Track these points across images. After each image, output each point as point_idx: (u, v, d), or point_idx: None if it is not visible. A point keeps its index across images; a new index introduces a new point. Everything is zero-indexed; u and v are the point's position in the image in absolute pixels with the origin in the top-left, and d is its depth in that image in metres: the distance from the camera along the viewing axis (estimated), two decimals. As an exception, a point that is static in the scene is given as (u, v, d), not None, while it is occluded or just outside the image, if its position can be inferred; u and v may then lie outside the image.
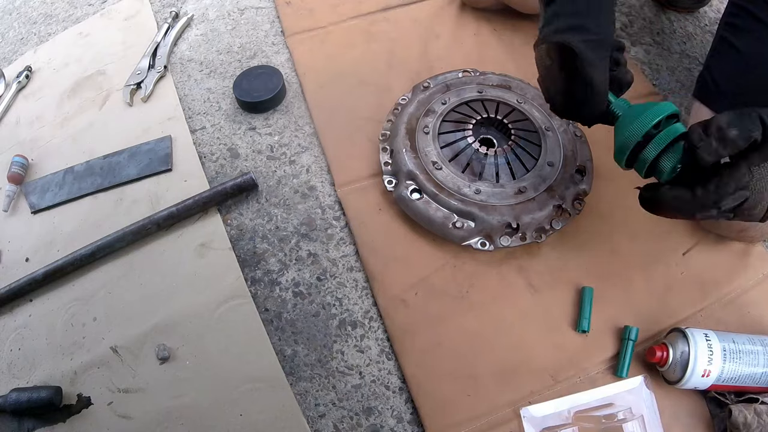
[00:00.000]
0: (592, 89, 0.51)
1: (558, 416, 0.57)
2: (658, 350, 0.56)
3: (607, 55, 0.52)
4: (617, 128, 0.52)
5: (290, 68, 0.85)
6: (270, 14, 0.93)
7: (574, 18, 0.51)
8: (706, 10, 0.94)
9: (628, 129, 0.49)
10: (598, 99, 0.52)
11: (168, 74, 0.85)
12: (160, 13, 0.94)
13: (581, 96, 0.52)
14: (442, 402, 0.58)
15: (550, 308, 0.63)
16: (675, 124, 0.49)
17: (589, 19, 0.51)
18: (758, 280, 0.65)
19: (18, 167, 0.75)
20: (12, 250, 0.71)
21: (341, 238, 0.70)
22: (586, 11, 0.52)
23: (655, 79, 0.84)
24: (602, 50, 0.51)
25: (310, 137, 0.78)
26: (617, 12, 0.93)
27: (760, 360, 0.54)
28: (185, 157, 0.76)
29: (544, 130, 0.70)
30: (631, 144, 0.49)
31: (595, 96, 0.52)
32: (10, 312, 0.67)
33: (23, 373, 0.62)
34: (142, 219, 0.69)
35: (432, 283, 0.65)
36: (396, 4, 0.91)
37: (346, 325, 0.64)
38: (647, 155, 0.49)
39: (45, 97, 0.85)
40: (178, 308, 0.65)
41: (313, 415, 0.59)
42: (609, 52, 0.53)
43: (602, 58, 0.51)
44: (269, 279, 0.67)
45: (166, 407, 0.59)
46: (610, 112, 0.54)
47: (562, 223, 0.65)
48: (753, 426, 0.53)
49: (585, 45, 0.50)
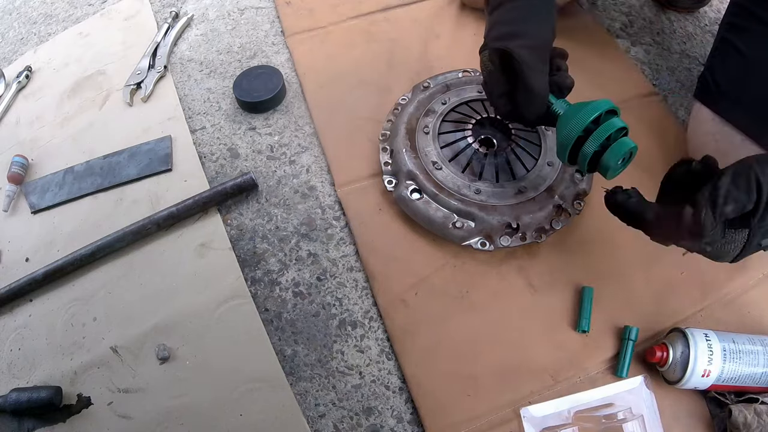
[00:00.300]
0: (532, 92, 0.54)
1: (558, 416, 0.57)
2: (658, 350, 0.56)
3: (546, 59, 0.54)
4: (558, 126, 0.54)
5: (290, 68, 0.85)
6: (270, 14, 0.93)
7: (514, 25, 0.54)
8: (706, 10, 0.94)
9: (568, 125, 0.52)
10: (539, 101, 0.55)
11: (168, 74, 0.85)
12: (160, 13, 0.94)
13: (522, 99, 0.55)
14: (442, 402, 0.58)
15: (550, 308, 0.63)
16: (613, 119, 0.51)
17: (528, 26, 0.54)
18: (758, 280, 0.65)
19: (18, 167, 0.75)
20: (12, 250, 0.71)
21: (341, 238, 0.70)
22: (526, 18, 0.54)
23: (655, 79, 0.84)
24: (541, 55, 0.54)
25: (310, 137, 0.78)
26: (617, 12, 0.93)
27: (760, 360, 0.54)
28: (185, 157, 0.76)
29: (544, 130, 0.70)
30: (571, 139, 0.52)
31: (535, 98, 0.54)
32: (10, 312, 0.67)
33: (23, 373, 0.62)
34: (142, 219, 0.69)
35: (432, 283, 0.65)
36: (396, 4, 0.91)
37: (346, 325, 0.64)
38: (587, 150, 0.51)
39: (45, 97, 0.85)
40: (178, 308, 0.65)
41: (313, 415, 0.59)
42: (548, 57, 0.55)
43: (541, 63, 0.54)
44: (269, 279, 0.67)
45: (166, 407, 0.59)
46: (551, 112, 0.56)
47: (562, 223, 0.65)
48: (753, 426, 0.53)
49: (524, 50, 0.52)
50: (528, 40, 0.53)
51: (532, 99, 0.54)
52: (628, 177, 0.72)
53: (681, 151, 0.72)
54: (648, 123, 0.77)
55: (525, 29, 0.53)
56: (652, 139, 0.75)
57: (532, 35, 0.53)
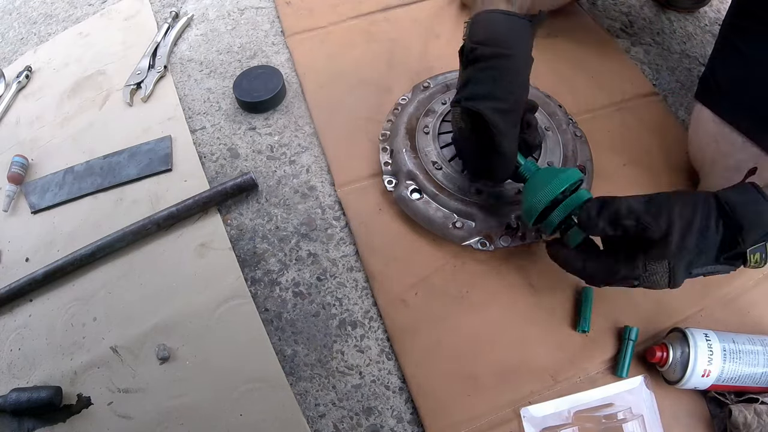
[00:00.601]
0: (503, 156, 0.54)
1: (558, 416, 0.57)
2: (658, 350, 0.56)
3: (517, 121, 0.55)
4: (526, 190, 0.55)
5: (290, 68, 0.85)
6: (270, 14, 0.93)
7: (488, 85, 0.53)
8: (706, 10, 0.94)
9: (537, 195, 0.53)
10: (507, 164, 0.55)
11: (168, 74, 0.85)
12: (160, 13, 0.94)
13: (492, 161, 0.55)
14: (442, 402, 0.58)
15: (550, 308, 0.63)
16: (580, 192, 0.53)
17: (502, 88, 0.53)
18: (758, 280, 0.65)
19: (18, 167, 0.75)
20: (12, 250, 0.71)
21: (341, 238, 0.70)
22: (500, 78, 0.53)
23: (655, 79, 0.84)
24: (512, 117, 0.54)
25: (310, 137, 0.78)
26: (617, 12, 0.93)
27: (760, 360, 0.54)
28: (185, 157, 0.76)
29: (544, 130, 0.70)
30: (538, 210, 0.53)
31: (504, 162, 0.55)
32: (10, 312, 0.67)
33: (23, 373, 0.62)
34: (142, 219, 0.69)
35: (432, 283, 0.65)
36: (396, 4, 0.91)
37: (346, 325, 0.64)
38: (553, 220, 0.53)
39: (45, 97, 0.85)
40: (178, 308, 0.65)
41: (313, 415, 0.59)
42: (519, 118, 0.55)
43: (512, 125, 0.54)
44: (269, 279, 0.67)
45: (166, 407, 0.59)
46: (519, 173, 0.57)
47: (562, 223, 0.65)
48: (753, 426, 0.53)
49: (496, 114, 0.52)
50: (501, 103, 0.53)
51: (502, 162, 0.55)
52: (629, 177, 0.72)
53: (681, 151, 0.72)
54: (648, 123, 0.77)
55: (499, 91, 0.53)
56: (652, 139, 0.75)
57: (505, 98, 0.53)
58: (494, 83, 0.53)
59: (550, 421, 0.56)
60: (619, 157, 0.74)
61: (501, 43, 0.54)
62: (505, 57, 0.54)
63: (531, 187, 0.55)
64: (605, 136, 0.75)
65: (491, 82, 0.53)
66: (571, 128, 0.72)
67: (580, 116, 0.76)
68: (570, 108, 0.76)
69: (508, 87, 0.53)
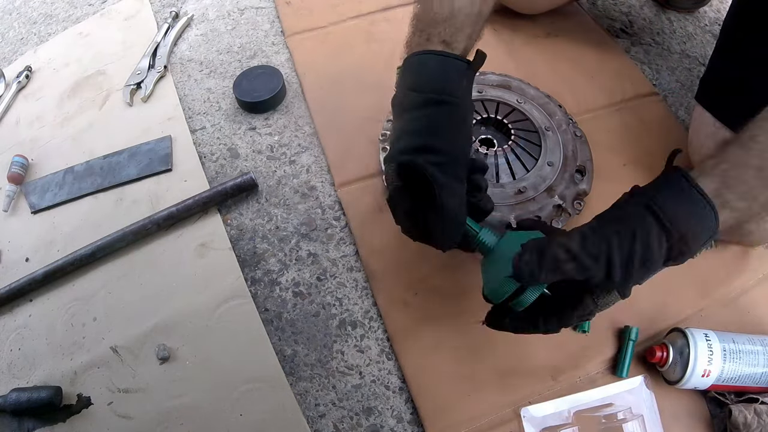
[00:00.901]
0: (447, 217, 0.46)
1: (558, 416, 0.57)
2: (658, 350, 0.56)
3: (462, 176, 0.48)
4: (488, 268, 0.48)
5: (290, 68, 0.85)
6: (270, 14, 0.93)
7: (425, 136, 0.47)
8: (706, 10, 0.94)
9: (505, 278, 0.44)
10: (451, 225, 0.47)
11: (168, 74, 0.85)
12: (160, 13, 0.94)
13: (434, 222, 0.47)
14: (442, 402, 0.58)
15: (550, 308, 0.63)
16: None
17: (441, 138, 0.47)
18: (758, 280, 0.65)
19: (18, 167, 0.75)
20: (12, 250, 0.71)
21: (341, 238, 0.70)
22: (438, 128, 0.47)
23: (655, 80, 0.84)
24: (456, 172, 0.47)
25: (310, 137, 0.78)
26: (617, 12, 0.93)
27: (760, 360, 0.54)
28: (185, 157, 0.76)
29: (544, 130, 0.70)
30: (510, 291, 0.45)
31: (449, 223, 0.47)
32: (10, 312, 0.67)
33: (23, 373, 0.62)
34: (142, 219, 0.69)
35: (432, 283, 0.65)
36: (396, 4, 0.91)
37: (346, 325, 0.64)
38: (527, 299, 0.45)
39: (45, 97, 0.85)
40: (178, 308, 0.65)
41: (313, 415, 0.59)
42: (463, 173, 0.48)
43: (457, 182, 0.47)
44: (269, 279, 0.67)
45: (166, 407, 0.59)
46: (476, 241, 0.49)
47: (562, 223, 0.65)
48: (753, 426, 0.53)
49: (436, 168, 0.45)
50: (441, 156, 0.46)
51: (446, 224, 0.47)
52: (629, 177, 0.72)
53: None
54: (648, 123, 0.77)
55: (437, 143, 0.46)
56: (652, 139, 0.75)
57: (445, 150, 0.46)
58: (429, 134, 0.47)
59: (550, 421, 0.56)
60: (619, 157, 0.74)
61: (436, 88, 0.48)
62: (442, 104, 0.48)
63: (493, 263, 0.47)
64: (605, 136, 0.75)
65: (426, 133, 0.47)
66: (571, 128, 0.72)
67: (580, 116, 0.76)
68: (570, 108, 0.76)
69: (448, 137, 0.47)
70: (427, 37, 0.51)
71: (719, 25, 0.90)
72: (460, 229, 0.48)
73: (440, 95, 0.48)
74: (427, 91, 0.48)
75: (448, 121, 0.48)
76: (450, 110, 0.48)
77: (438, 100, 0.48)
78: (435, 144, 0.47)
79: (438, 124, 0.48)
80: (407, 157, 0.47)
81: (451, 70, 0.49)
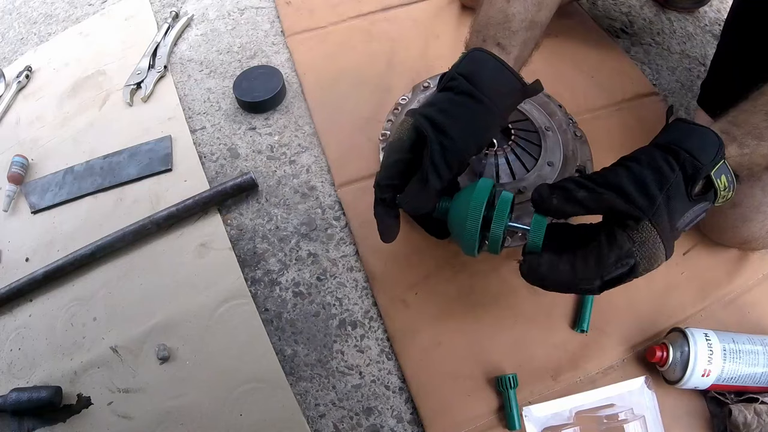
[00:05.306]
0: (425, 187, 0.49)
1: (559, 416, 0.57)
2: (658, 350, 0.56)
3: (454, 167, 0.50)
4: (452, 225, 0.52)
5: (290, 68, 0.85)
6: (270, 14, 0.93)
7: (446, 116, 0.50)
8: (706, 10, 0.94)
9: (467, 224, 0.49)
10: (424, 199, 0.50)
11: (168, 74, 0.85)
12: (160, 13, 0.94)
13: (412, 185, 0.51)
14: (442, 402, 0.58)
15: (550, 308, 0.63)
16: (502, 195, 0.50)
17: (457, 126, 0.50)
18: (758, 280, 0.65)
19: (18, 167, 0.75)
20: (12, 250, 0.71)
21: (341, 238, 0.70)
22: (461, 117, 0.50)
23: (655, 80, 0.84)
24: (452, 158, 0.49)
25: (310, 137, 0.78)
26: (617, 12, 0.93)
27: (760, 360, 0.54)
28: (185, 157, 0.76)
29: (544, 130, 0.70)
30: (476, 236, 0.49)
31: (421, 194, 0.50)
32: (10, 312, 0.67)
33: (23, 373, 0.62)
34: (142, 219, 0.69)
35: (432, 283, 0.65)
36: (396, 4, 0.91)
37: (346, 325, 0.64)
38: (497, 234, 0.48)
39: (45, 97, 0.85)
40: (178, 308, 0.65)
41: (313, 415, 0.59)
42: (461, 166, 0.51)
43: (447, 168, 0.49)
44: (269, 279, 0.67)
45: (166, 407, 0.59)
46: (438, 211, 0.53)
47: (562, 223, 0.65)
48: (753, 426, 0.53)
49: (438, 145, 0.49)
50: (446, 138, 0.49)
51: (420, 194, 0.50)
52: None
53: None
54: (648, 123, 0.77)
55: (454, 129, 0.49)
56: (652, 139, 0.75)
57: (451, 135, 0.49)
58: (453, 120, 0.50)
59: (552, 421, 0.56)
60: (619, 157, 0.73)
61: (481, 86, 0.51)
62: (478, 101, 0.50)
63: (455, 218, 0.51)
64: (605, 136, 0.75)
65: (451, 117, 0.50)
66: (571, 128, 0.72)
67: (580, 116, 0.76)
68: (570, 108, 0.76)
69: (465, 130, 0.50)
70: (483, 38, 0.55)
71: (719, 25, 0.91)
72: (430, 201, 0.51)
73: (480, 93, 0.51)
74: (472, 84, 0.51)
75: (474, 117, 0.51)
76: (482, 109, 0.51)
77: (476, 96, 0.50)
78: (452, 130, 0.49)
79: (464, 116, 0.50)
80: (423, 123, 0.50)
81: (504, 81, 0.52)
